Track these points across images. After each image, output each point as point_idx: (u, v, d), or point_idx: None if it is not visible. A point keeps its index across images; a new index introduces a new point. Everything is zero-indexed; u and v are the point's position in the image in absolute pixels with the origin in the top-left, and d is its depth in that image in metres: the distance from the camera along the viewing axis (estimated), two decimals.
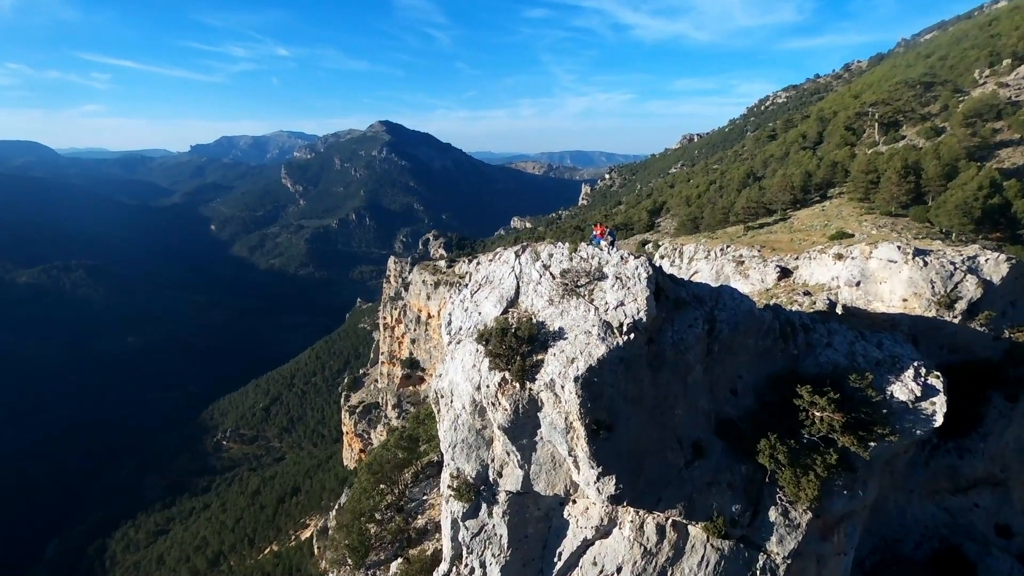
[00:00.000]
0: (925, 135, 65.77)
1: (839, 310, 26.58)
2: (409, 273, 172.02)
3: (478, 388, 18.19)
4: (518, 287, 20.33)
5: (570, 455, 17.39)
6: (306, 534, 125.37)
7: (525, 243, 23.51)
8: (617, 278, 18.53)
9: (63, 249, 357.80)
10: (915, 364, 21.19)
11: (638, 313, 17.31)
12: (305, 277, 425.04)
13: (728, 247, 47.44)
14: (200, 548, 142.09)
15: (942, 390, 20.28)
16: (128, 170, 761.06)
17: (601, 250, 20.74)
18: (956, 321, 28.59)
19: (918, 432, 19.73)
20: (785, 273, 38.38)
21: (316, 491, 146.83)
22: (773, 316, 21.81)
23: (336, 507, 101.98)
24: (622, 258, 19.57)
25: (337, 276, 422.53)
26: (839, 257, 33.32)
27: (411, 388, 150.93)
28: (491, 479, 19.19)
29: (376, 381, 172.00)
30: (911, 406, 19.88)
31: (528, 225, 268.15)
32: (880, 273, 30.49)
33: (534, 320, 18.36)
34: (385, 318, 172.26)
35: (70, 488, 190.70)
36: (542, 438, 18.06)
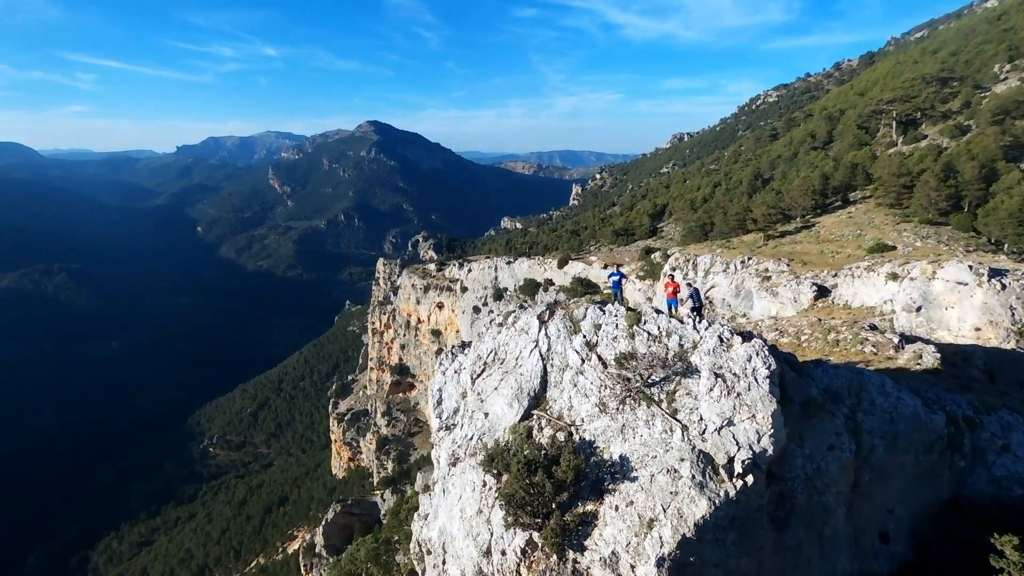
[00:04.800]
0: (949, 134, 62.01)
1: (929, 356, 22.16)
2: (399, 276, 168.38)
3: (487, 553, 11.17)
4: (545, 373, 13.28)
5: None
6: (293, 546, 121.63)
7: (553, 301, 15.84)
8: (717, 375, 11.50)
9: (45, 252, 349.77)
10: None
11: (759, 440, 10.59)
12: (293, 279, 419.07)
13: (750, 259, 43.43)
14: (185, 560, 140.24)
15: None
16: (113, 171, 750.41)
17: (682, 322, 13.39)
18: None
19: None
20: (822, 292, 34.36)
21: (304, 501, 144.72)
22: (945, 420, 14.88)
23: (324, 523, 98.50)
24: (721, 340, 12.29)
25: (326, 278, 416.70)
26: (893, 277, 29.16)
27: (401, 395, 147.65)
28: None
29: (365, 388, 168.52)
30: None
31: (519, 226, 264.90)
32: (947, 297, 26.42)
33: (576, 436, 11.54)
34: (374, 323, 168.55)
35: (52, 497, 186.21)
36: None
